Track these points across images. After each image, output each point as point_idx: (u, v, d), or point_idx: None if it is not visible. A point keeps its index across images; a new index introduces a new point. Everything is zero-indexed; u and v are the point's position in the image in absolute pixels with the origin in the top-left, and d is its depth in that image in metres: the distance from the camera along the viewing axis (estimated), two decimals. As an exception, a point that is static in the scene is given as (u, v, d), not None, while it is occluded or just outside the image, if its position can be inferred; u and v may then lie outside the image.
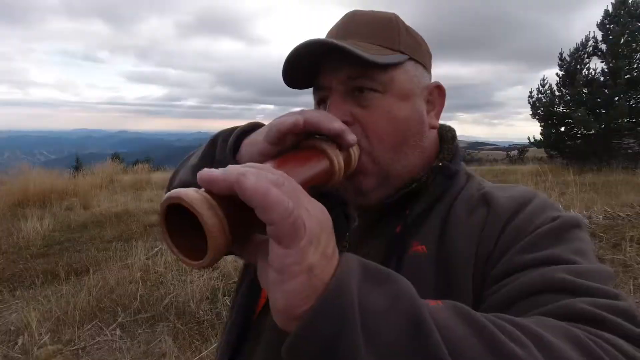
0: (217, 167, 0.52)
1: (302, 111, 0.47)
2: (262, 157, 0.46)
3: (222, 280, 3.15)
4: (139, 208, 6.35)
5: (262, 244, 0.33)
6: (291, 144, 0.46)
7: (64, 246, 4.39)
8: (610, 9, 11.72)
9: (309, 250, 0.29)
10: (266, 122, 0.55)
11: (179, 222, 0.32)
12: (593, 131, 11.47)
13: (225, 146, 0.52)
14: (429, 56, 0.60)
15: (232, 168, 0.30)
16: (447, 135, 0.61)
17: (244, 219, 0.31)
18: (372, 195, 0.56)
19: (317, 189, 0.42)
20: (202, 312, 2.64)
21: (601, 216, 3.72)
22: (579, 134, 11.97)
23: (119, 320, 2.59)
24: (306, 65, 0.54)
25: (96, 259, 3.72)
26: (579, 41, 12.06)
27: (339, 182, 0.46)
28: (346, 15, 0.57)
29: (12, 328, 2.50)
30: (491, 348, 0.30)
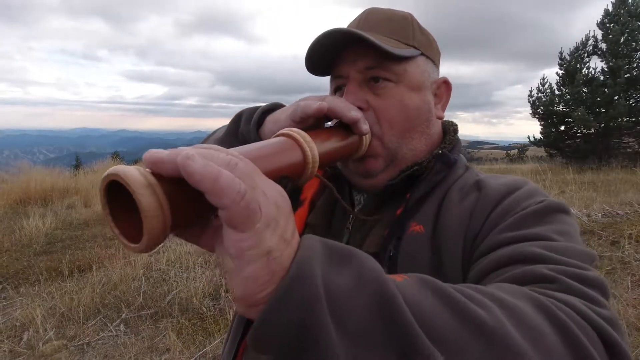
0: (240, 141, 0.56)
1: (325, 97, 0.51)
2: None
3: (224, 276, 3.17)
4: (140, 206, 6.38)
5: (220, 229, 0.31)
6: (311, 125, 0.50)
7: (66, 244, 4.41)
8: (610, 8, 11.74)
9: (266, 233, 0.27)
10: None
11: (127, 202, 0.28)
12: (593, 130, 11.49)
13: (249, 122, 0.57)
14: (438, 54, 0.65)
15: (180, 150, 0.28)
16: (449, 128, 0.66)
17: (195, 202, 0.29)
18: (380, 177, 0.60)
19: (292, 180, 0.40)
20: (204, 309, 2.67)
21: (600, 214, 3.74)
22: (579, 133, 11.99)
23: (123, 316, 2.62)
24: (327, 54, 0.58)
25: (99, 256, 3.74)
26: (579, 40, 12.08)
27: (312, 175, 0.43)
28: (365, 11, 0.62)
29: (17, 324, 2.52)
30: (457, 314, 0.30)
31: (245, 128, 0.57)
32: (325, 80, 0.65)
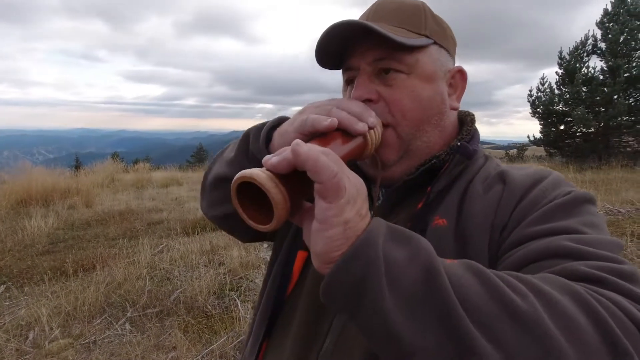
0: (251, 158, 0.59)
1: (331, 104, 0.52)
2: None
3: (228, 275, 3.18)
4: (141, 206, 6.38)
5: (307, 210, 0.41)
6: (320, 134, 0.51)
7: (68, 244, 4.41)
8: (609, 7, 11.75)
9: (347, 207, 0.35)
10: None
11: (249, 195, 0.39)
12: (592, 129, 11.51)
13: (258, 140, 0.57)
14: (453, 43, 0.63)
15: (285, 148, 0.37)
16: (466, 118, 0.65)
17: (296, 191, 0.38)
18: (394, 169, 0.60)
19: (352, 162, 0.48)
20: (210, 307, 2.68)
21: (602, 212, 3.76)
22: (579, 132, 12.01)
23: (128, 314, 2.63)
24: (336, 47, 0.58)
25: (102, 256, 3.74)
26: (578, 40, 12.10)
27: (369, 155, 0.54)
28: (375, 2, 0.61)
29: (23, 323, 2.52)
30: (493, 295, 0.34)
31: (255, 146, 0.58)
32: (325, 79, 0.64)
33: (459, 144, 0.59)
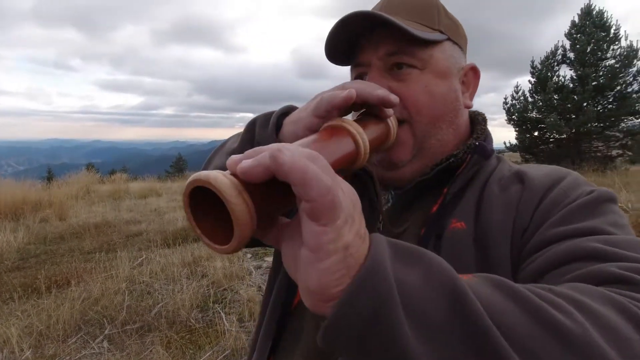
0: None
1: (346, 84, 0.47)
2: (309, 132, 0.46)
3: (212, 287, 3.08)
4: (118, 218, 6.16)
5: (285, 227, 0.33)
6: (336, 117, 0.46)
7: (40, 259, 4.20)
8: (576, 19, 12.34)
9: (345, 228, 0.28)
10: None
11: (200, 200, 0.31)
12: (565, 135, 11.97)
13: (266, 127, 0.52)
14: (465, 40, 0.61)
15: (259, 149, 0.29)
16: (477, 118, 0.62)
17: (269, 202, 0.30)
18: (404, 170, 0.56)
19: (343, 172, 0.40)
20: (193, 321, 2.58)
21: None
22: (552, 138, 12.47)
23: (106, 332, 2.49)
24: (348, 40, 0.55)
25: (77, 270, 3.56)
26: (548, 50, 12.63)
27: (360, 166, 0.44)
28: None
29: (-10, 345, 2.36)
30: (534, 316, 0.29)
31: (262, 134, 0.52)
32: (306, 88, 0.61)
33: (476, 143, 0.56)
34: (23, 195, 6.65)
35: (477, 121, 0.62)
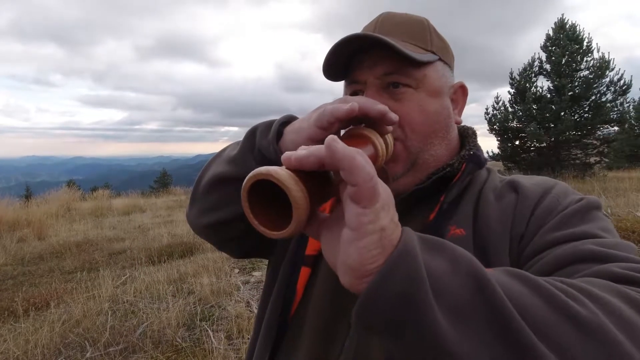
0: (258, 155, 0.54)
1: (347, 98, 0.48)
2: (311, 142, 0.47)
3: (199, 304, 3.01)
4: (101, 236, 6.00)
5: (324, 221, 0.37)
6: (336, 130, 0.47)
7: (18, 280, 4.04)
8: (551, 32, 12.83)
9: (382, 213, 0.31)
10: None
11: (254, 198, 0.35)
12: (545, 144, 12.31)
13: (267, 135, 0.54)
14: (453, 59, 0.65)
15: (307, 147, 0.33)
16: (467, 131, 0.66)
17: (313, 191, 0.34)
18: (400, 182, 0.58)
19: None
20: (179, 340, 2.50)
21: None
22: (532, 146, 12.80)
23: (88, 355, 2.39)
24: (344, 59, 0.57)
25: (57, 291, 3.44)
26: (525, 62, 13.05)
27: (379, 168, 0.48)
28: (380, 15, 0.60)
29: (-38, 374, 2.23)
30: (551, 303, 0.32)
31: (262, 142, 0.54)
32: (290, 102, 0.61)
33: (471, 152, 0.59)
34: None
35: (467, 134, 0.65)
